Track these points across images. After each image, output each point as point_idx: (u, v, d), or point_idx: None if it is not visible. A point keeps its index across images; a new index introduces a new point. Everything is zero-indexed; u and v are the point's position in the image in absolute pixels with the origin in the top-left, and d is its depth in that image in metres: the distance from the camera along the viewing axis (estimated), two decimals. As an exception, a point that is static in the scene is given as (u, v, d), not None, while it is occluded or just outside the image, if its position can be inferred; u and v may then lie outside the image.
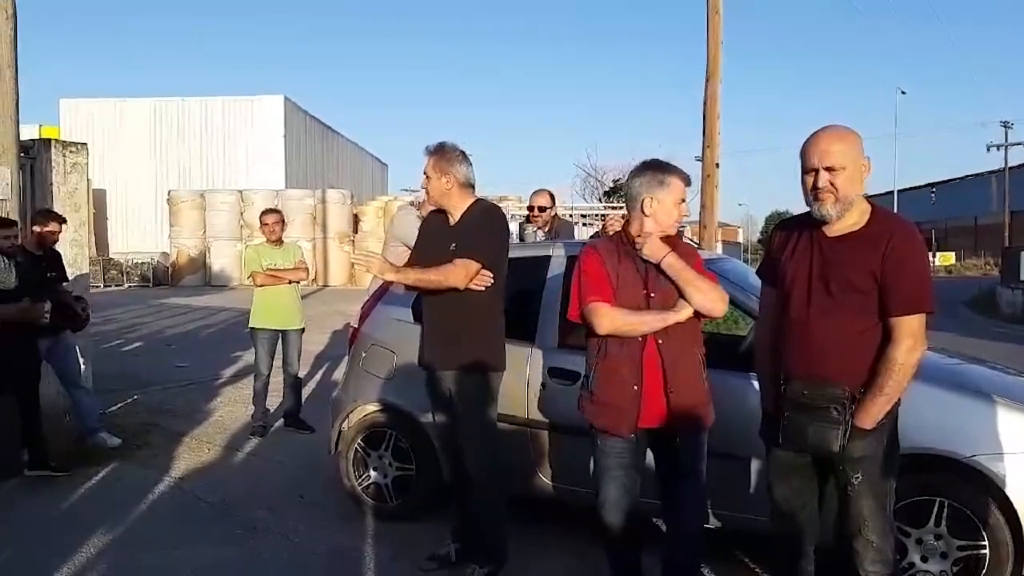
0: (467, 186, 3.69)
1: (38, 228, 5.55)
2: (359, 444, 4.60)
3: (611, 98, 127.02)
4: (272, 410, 6.76)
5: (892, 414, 2.71)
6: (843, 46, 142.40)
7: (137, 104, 34.05)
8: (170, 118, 33.86)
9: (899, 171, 61.41)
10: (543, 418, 4.05)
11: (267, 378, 6.51)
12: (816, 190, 2.68)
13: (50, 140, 6.76)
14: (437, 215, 3.83)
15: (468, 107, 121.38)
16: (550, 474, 4.12)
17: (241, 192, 26.38)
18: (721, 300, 3.05)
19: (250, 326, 6.54)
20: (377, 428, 4.59)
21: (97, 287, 22.91)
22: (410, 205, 5.84)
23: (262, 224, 6.57)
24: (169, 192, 27.32)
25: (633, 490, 3.15)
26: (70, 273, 6.07)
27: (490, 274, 3.57)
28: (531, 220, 5.86)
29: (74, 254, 6.45)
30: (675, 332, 3.04)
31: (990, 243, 40.99)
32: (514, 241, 4.68)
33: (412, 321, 4.20)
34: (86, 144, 7.03)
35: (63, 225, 5.74)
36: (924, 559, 3.37)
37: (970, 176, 51.18)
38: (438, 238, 3.69)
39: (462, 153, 3.69)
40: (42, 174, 6.53)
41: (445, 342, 3.63)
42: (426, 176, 3.66)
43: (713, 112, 12.47)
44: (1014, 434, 3.30)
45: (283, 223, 6.70)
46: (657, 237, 3.09)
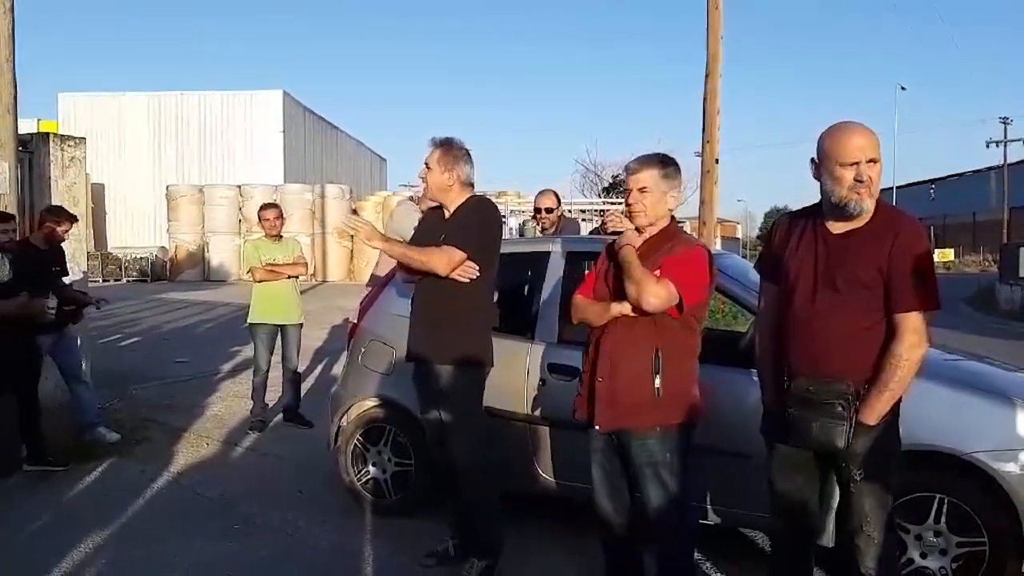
0: (467, 185, 3.72)
1: (51, 225, 5.55)
2: (358, 439, 4.60)
3: (611, 94, 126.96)
4: (271, 405, 6.75)
5: (893, 410, 2.70)
6: (843, 42, 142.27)
7: (136, 98, 33.96)
8: (169, 112, 33.77)
9: (898, 167, 61.48)
10: (542, 414, 4.05)
11: (266, 373, 6.50)
12: (859, 183, 2.65)
13: (48, 134, 6.75)
14: (435, 211, 3.84)
15: (467, 103, 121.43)
16: (549, 470, 4.12)
17: (240, 187, 26.30)
18: (653, 296, 2.90)
19: (249, 321, 6.53)
20: (376, 423, 4.58)
21: (95, 282, 22.84)
22: (409, 200, 5.83)
23: (262, 219, 6.55)
24: (167, 187, 27.24)
25: (614, 478, 3.17)
26: (72, 268, 6.06)
27: (475, 266, 3.56)
28: (538, 221, 5.85)
29: (72, 248, 6.44)
30: (622, 325, 3.03)
31: (989, 239, 40.98)
32: (515, 236, 4.66)
33: (411, 316, 4.19)
34: (84, 138, 7.02)
35: (75, 224, 5.74)
36: (924, 556, 3.37)
37: (969, 172, 51.18)
38: (432, 232, 3.70)
39: (467, 152, 3.70)
40: (40, 168, 6.51)
41: (430, 334, 3.65)
42: (427, 167, 3.66)
43: (713, 108, 12.44)
44: (1014, 431, 3.30)
45: (282, 218, 6.69)
46: (631, 230, 3.11)
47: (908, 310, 2.62)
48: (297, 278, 6.57)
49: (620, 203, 3.59)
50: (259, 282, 6.39)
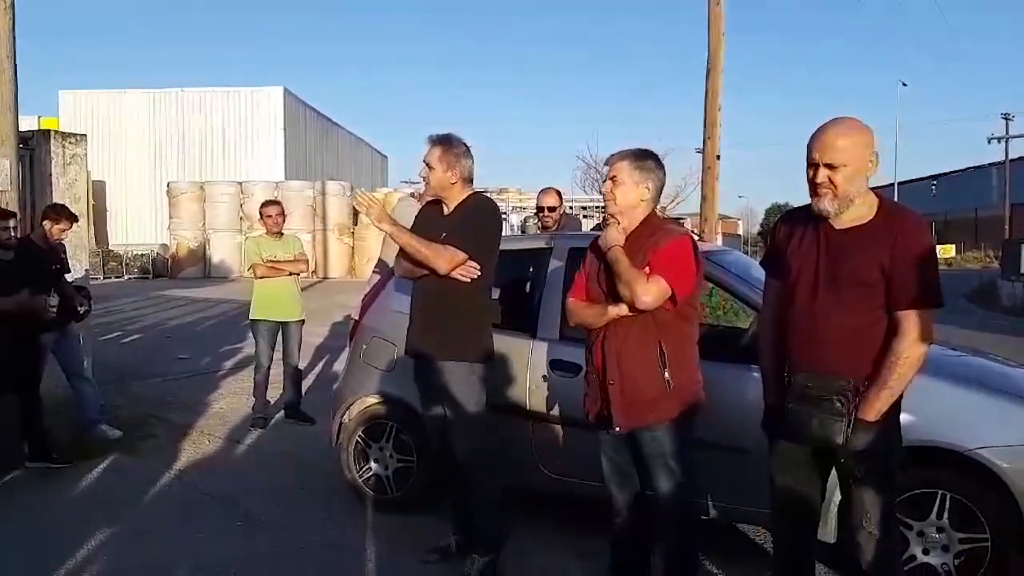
0: (468, 181, 3.72)
1: (49, 224, 5.54)
2: (360, 436, 4.60)
3: (613, 91, 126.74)
4: (273, 402, 6.76)
5: (895, 407, 2.70)
6: (844, 38, 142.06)
7: (136, 95, 33.92)
8: (169, 110, 33.74)
9: (900, 163, 61.36)
10: (545, 410, 4.04)
11: (267, 370, 6.51)
12: (815, 185, 2.67)
13: (49, 131, 6.74)
14: (432, 205, 3.84)
15: (469, 100, 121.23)
16: (552, 466, 4.12)
17: (241, 184, 26.31)
18: (646, 294, 2.94)
19: (250, 318, 6.53)
20: (378, 420, 4.58)
21: (97, 279, 22.86)
22: (411, 197, 5.83)
23: (264, 216, 6.55)
24: (168, 184, 27.24)
25: (624, 468, 3.20)
26: (74, 265, 6.06)
27: (476, 266, 3.57)
28: (540, 220, 5.85)
29: (73, 246, 6.43)
30: (621, 325, 3.05)
31: (990, 235, 40.92)
32: (516, 233, 4.66)
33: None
34: (85, 135, 7.01)
35: (73, 224, 5.73)
36: (926, 552, 3.37)
37: (971, 168, 51.09)
38: (431, 227, 3.70)
39: (467, 147, 3.70)
40: (41, 165, 6.51)
41: (430, 330, 3.66)
42: (428, 166, 3.65)
43: (714, 104, 12.42)
44: (1016, 427, 3.30)
45: (284, 215, 6.69)
46: (614, 227, 3.11)
47: (910, 308, 2.61)
48: (298, 275, 6.57)
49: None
50: (260, 279, 6.39)
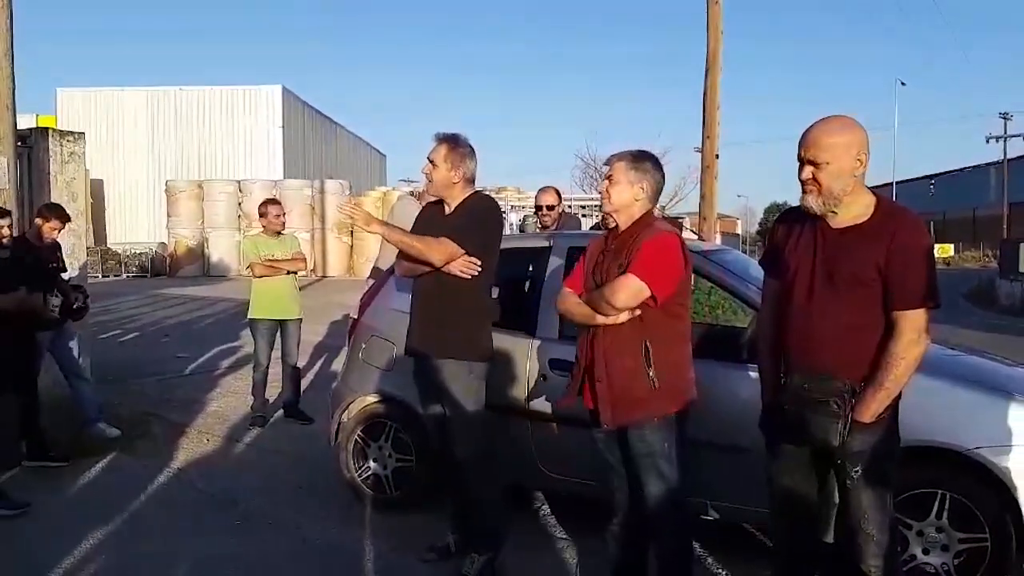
0: (470, 181, 3.72)
1: (40, 222, 5.52)
2: (359, 435, 4.59)
3: (612, 90, 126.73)
4: (271, 401, 6.75)
5: (892, 407, 2.69)
6: (843, 37, 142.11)
7: (135, 94, 33.89)
8: (168, 108, 33.71)
9: (898, 163, 61.41)
10: (544, 410, 4.04)
11: (266, 369, 6.50)
12: (801, 182, 2.68)
13: (47, 129, 6.73)
14: (433, 206, 3.83)
15: (467, 99, 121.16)
16: (550, 465, 4.11)
17: (239, 182, 26.28)
18: (613, 294, 2.95)
19: (249, 317, 6.53)
20: (377, 419, 4.58)
21: (95, 277, 22.85)
22: (410, 196, 5.82)
23: (266, 214, 6.54)
24: (167, 182, 27.21)
25: (619, 468, 3.20)
26: (67, 263, 6.03)
27: (477, 261, 3.56)
28: (539, 218, 5.85)
29: (71, 244, 6.42)
30: (607, 323, 3.05)
31: (988, 235, 40.97)
32: (516, 232, 4.66)
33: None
34: (83, 133, 6.99)
35: (66, 224, 5.70)
36: (926, 552, 3.37)
37: (969, 168, 51.14)
38: (432, 227, 3.69)
39: (472, 149, 3.71)
40: (39, 163, 6.50)
41: (430, 329, 3.66)
42: (432, 164, 3.64)
43: (713, 103, 12.40)
44: (1016, 426, 3.29)
45: (284, 214, 6.69)
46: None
47: (907, 308, 2.60)
48: (295, 274, 6.57)
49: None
50: (259, 277, 6.39)
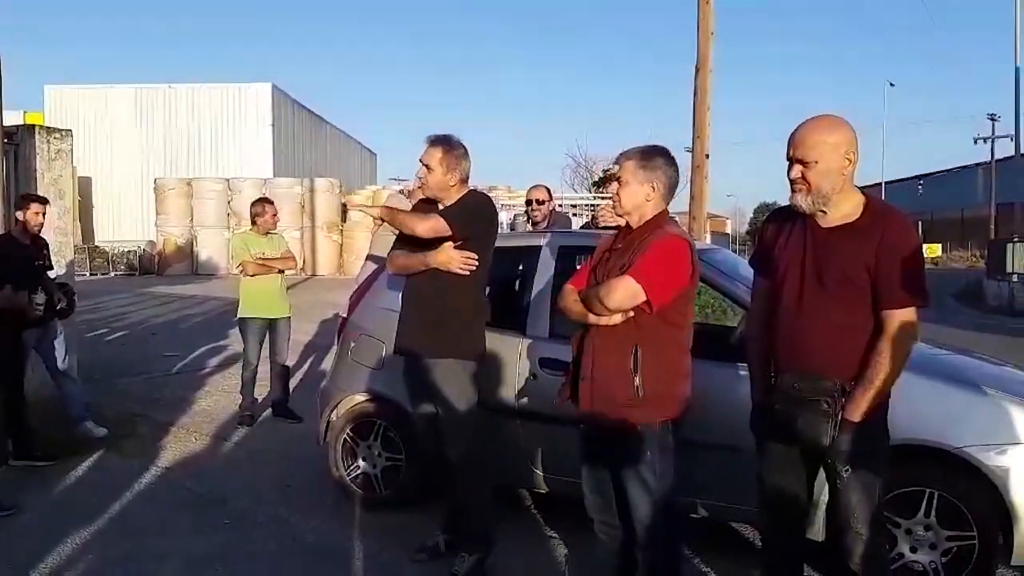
0: (465, 181, 3.71)
1: (20, 215, 5.47)
2: (348, 434, 4.58)
3: (602, 89, 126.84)
4: (260, 400, 6.72)
5: (882, 406, 2.70)
6: (832, 38, 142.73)
7: (123, 91, 33.70)
8: (157, 105, 33.53)
9: (886, 163, 61.74)
10: (533, 408, 4.03)
11: (256, 367, 6.48)
12: (790, 181, 2.69)
13: (34, 126, 6.68)
14: (426, 204, 3.81)
15: (458, 98, 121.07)
16: (540, 465, 4.11)
17: (228, 180, 26.17)
18: (607, 294, 2.89)
19: (239, 316, 6.50)
20: (366, 418, 4.57)
21: (83, 276, 22.72)
22: (400, 193, 5.82)
23: (260, 213, 6.50)
24: (155, 180, 27.07)
25: (598, 473, 3.15)
26: (55, 261, 5.99)
27: (474, 256, 3.55)
28: (528, 214, 5.85)
29: (58, 242, 6.39)
30: (602, 324, 2.99)
31: (976, 235, 41.19)
32: (506, 231, 4.66)
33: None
34: (71, 130, 6.95)
35: (46, 206, 5.61)
36: (914, 550, 3.38)
37: (957, 168, 51.40)
38: None
39: (466, 149, 3.70)
40: (26, 160, 6.46)
41: (422, 327, 3.64)
42: (427, 167, 3.62)
43: (703, 104, 12.42)
44: (1003, 425, 3.31)
45: (277, 214, 6.67)
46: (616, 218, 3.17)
47: (895, 307, 2.60)
48: (284, 272, 6.55)
49: (610, 198, 3.59)
50: (251, 276, 6.36)
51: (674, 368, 3.01)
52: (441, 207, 3.69)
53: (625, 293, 2.87)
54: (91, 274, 24.96)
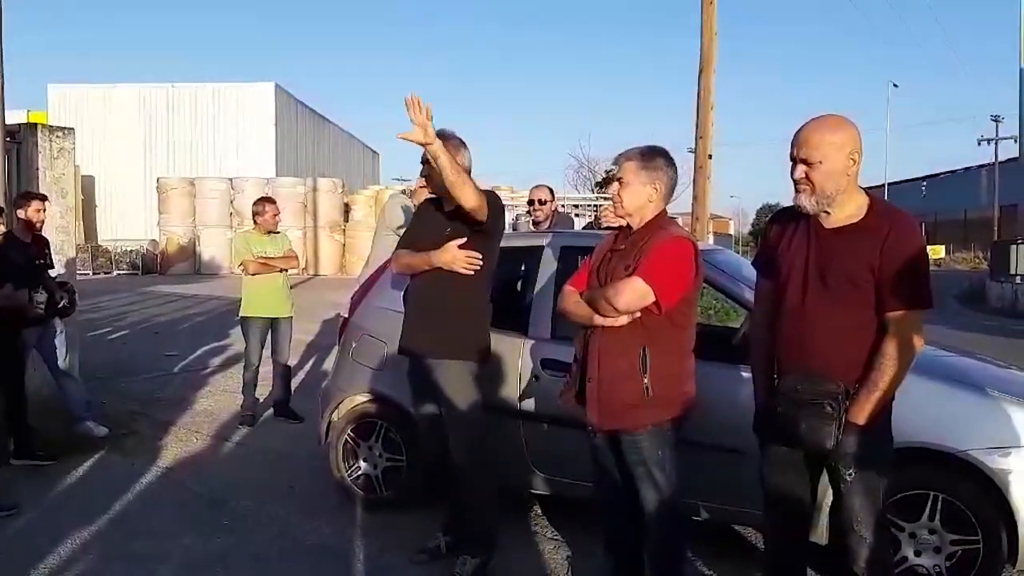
0: (468, 172, 3.65)
1: (22, 213, 5.46)
2: (349, 435, 4.56)
3: (605, 89, 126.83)
4: (261, 400, 6.71)
5: (886, 409, 2.68)
6: (836, 38, 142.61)
7: (126, 90, 33.75)
8: (159, 104, 33.57)
9: (890, 164, 61.64)
10: (535, 410, 4.02)
11: (257, 367, 6.46)
12: (794, 182, 2.67)
13: (36, 124, 6.67)
14: (430, 203, 3.78)
15: (461, 98, 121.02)
16: (543, 466, 4.09)
17: (231, 180, 26.20)
18: (616, 296, 2.88)
19: (241, 315, 6.49)
20: (367, 419, 4.55)
21: (85, 274, 22.75)
22: (402, 194, 5.80)
23: (263, 213, 6.48)
24: (158, 179, 27.10)
25: (611, 474, 3.14)
26: (57, 260, 5.98)
27: (478, 255, 3.51)
28: (531, 214, 5.83)
29: (60, 241, 6.38)
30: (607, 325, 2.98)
31: (979, 237, 41.11)
32: (508, 231, 4.64)
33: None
34: (73, 129, 6.94)
35: (46, 203, 5.61)
36: (918, 553, 3.36)
37: (960, 170, 51.33)
38: (432, 223, 3.65)
39: (462, 140, 3.66)
40: (28, 159, 6.44)
41: (427, 327, 3.60)
42: (429, 163, 3.59)
43: (706, 103, 12.41)
44: (1007, 428, 3.29)
45: (279, 213, 6.66)
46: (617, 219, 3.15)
47: (900, 309, 2.59)
48: (287, 271, 6.54)
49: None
50: (252, 275, 6.35)
51: (681, 368, 3.03)
52: (447, 206, 3.66)
53: (634, 294, 2.87)
54: (93, 273, 24.99)
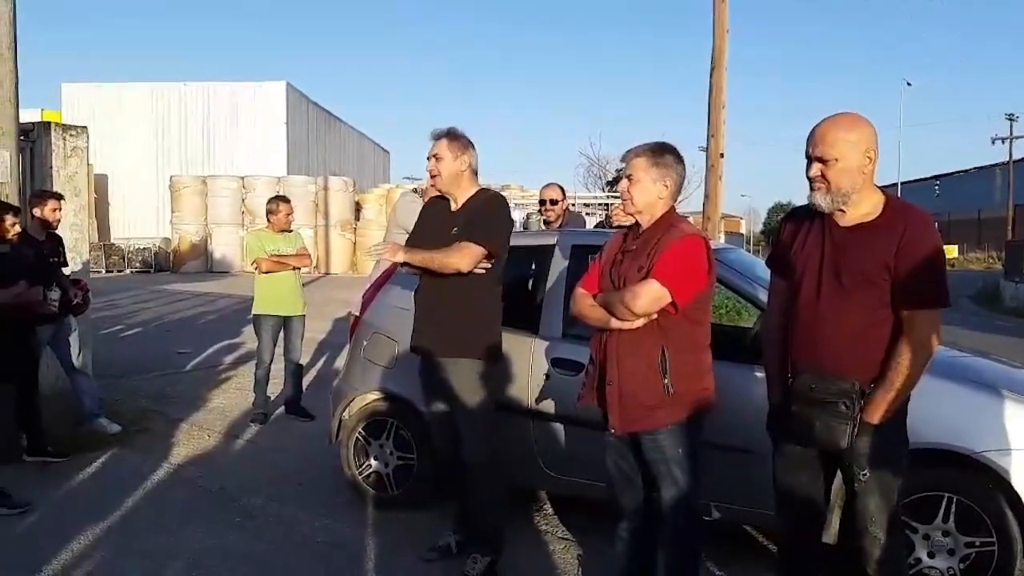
0: (475, 173, 3.67)
1: (38, 211, 5.49)
2: (360, 433, 4.57)
3: (616, 88, 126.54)
4: (273, 398, 6.73)
5: (901, 409, 2.66)
6: (849, 37, 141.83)
7: (139, 89, 33.91)
8: (172, 103, 33.73)
9: (903, 163, 61.30)
10: (546, 408, 4.01)
11: (269, 365, 6.48)
12: (810, 180, 2.65)
13: (50, 123, 6.71)
14: (438, 201, 3.78)
15: (472, 97, 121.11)
16: (553, 465, 4.08)
17: (243, 178, 26.33)
18: (634, 299, 2.84)
19: (254, 312, 6.50)
20: (378, 417, 4.55)
21: (98, 273, 22.89)
22: (413, 192, 5.80)
23: (276, 212, 6.49)
24: (171, 178, 27.26)
25: (628, 473, 3.12)
26: (70, 258, 6.02)
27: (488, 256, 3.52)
28: (543, 213, 5.82)
29: (74, 239, 6.41)
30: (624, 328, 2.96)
31: (993, 236, 40.87)
32: (519, 230, 4.63)
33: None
34: (86, 127, 6.97)
35: (61, 202, 5.64)
36: (931, 555, 3.33)
37: (974, 169, 51.00)
38: (438, 222, 3.65)
39: (469, 139, 3.66)
40: (42, 157, 6.48)
41: (437, 327, 3.60)
42: (437, 158, 3.58)
43: (718, 102, 12.37)
44: (1023, 429, 3.26)
45: (292, 212, 6.67)
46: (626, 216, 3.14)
47: (916, 307, 2.56)
48: (299, 269, 6.55)
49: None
50: (266, 273, 6.36)
51: (699, 365, 3.01)
52: (453, 206, 3.65)
53: (651, 296, 2.85)
54: (106, 271, 25.15)
